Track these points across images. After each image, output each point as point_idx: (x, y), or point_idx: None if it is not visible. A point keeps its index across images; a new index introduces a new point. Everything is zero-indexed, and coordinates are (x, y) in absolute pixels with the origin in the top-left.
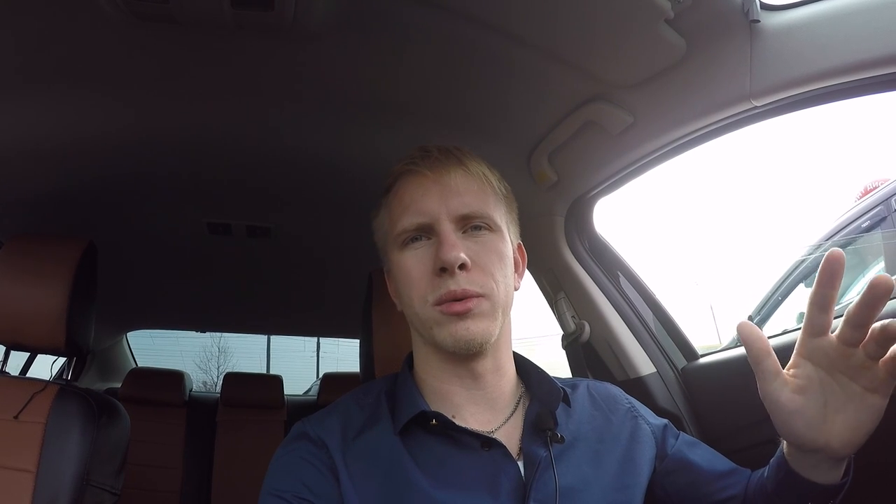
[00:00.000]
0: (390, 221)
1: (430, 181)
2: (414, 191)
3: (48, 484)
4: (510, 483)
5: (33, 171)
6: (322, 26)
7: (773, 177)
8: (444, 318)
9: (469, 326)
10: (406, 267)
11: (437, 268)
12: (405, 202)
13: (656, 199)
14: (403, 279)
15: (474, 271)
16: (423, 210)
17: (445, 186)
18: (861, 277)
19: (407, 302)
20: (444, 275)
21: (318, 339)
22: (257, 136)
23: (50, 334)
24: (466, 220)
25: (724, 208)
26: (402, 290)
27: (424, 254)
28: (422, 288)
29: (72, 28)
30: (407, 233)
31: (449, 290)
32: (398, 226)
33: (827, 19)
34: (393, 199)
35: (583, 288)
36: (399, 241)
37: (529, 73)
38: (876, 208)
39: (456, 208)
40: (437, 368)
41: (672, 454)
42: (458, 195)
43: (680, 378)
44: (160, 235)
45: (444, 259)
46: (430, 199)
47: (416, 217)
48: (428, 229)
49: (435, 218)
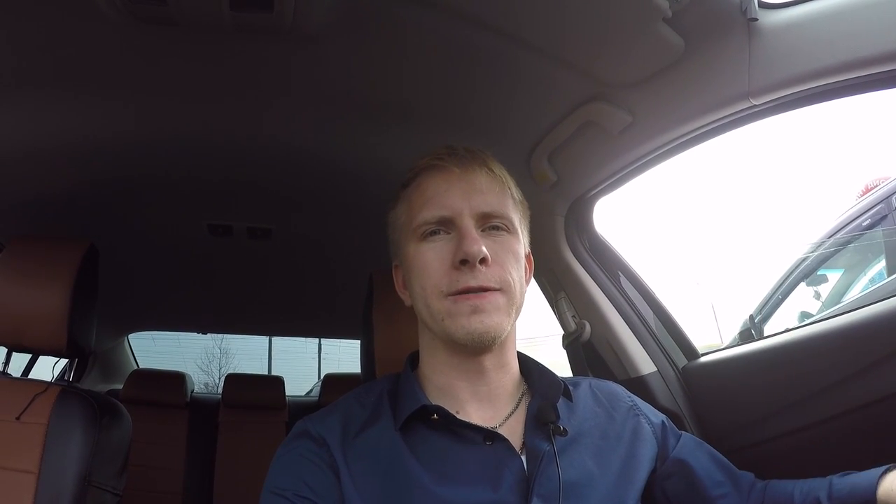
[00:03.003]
0: (409, 214)
1: (456, 177)
2: (438, 185)
3: (50, 485)
4: (513, 477)
5: (33, 173)
6: (321, 28)
7: (773, 175)
8: (456, 308)
9: (483, 319)
10: (424, 258)
11: (457, 260)
12: (428, 195)
13: (656, 199)
14: (419, 270)
15: (493, 267)
16: (446, 204)
17: (470, 184)
18: (862, 276)
19: (419, 294)
20: (464, 268)
21: (319, 340)
22: (257, 137)
23: (51, 336)
24: (487, 219)
25: (725, 207)
26: (416, 281)
27: (444, 247)
28: (438, 280)
29: (71, 30)
30: (428, 225)
31: (467, 284)
32: (419, 217)
33: (825, 17)
34: (414, 192)
35: (583, 287)
36: (418, 232)
37: (528, 73)
38: (877, 206)
39: (478, 206)
40: (444, 363)
41: (673, 456)
42: (481, 193)
43: (681, 377)
44: (161, 237)
45: (468, 251)
46: (454, 194)
47: (438, 210)
48: (448, 223)
49: (458, 213)
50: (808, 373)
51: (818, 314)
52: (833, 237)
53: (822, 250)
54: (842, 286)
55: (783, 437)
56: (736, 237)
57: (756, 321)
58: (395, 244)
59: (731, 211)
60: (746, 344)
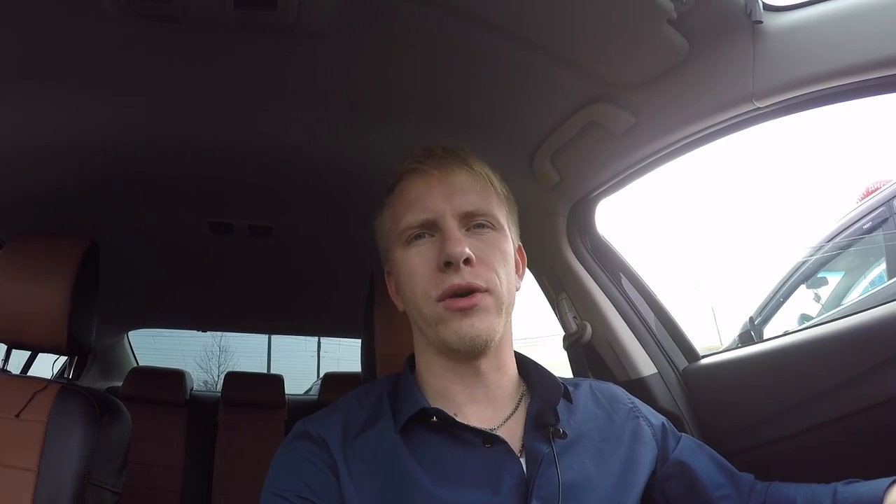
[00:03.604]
0: (394, 219)
1: (435, 179)
2: (419, 189)
3: (49, 483)
4: (512, 480)
5: (34, 169)
6: (324, 26)
7: (775, 178)
8: (449, 314)
9: (474, 323)
10: (410, 264)
11: (441, 263)
12: (409, 200)
13: (658, 201)
14: (407, 276)
15: (478, 267)
16: (427, 207)
17: (450, 185)
18: (862, 279)
19: (410, 299)
20: (449, 270)
21: (318, 338)
22: (259, 135)
23: (51, 333)
24: (470, 218)
25: (726, 209)
26: (406, 287)
27: (428, 251)
28: (426, 284)
29: (74, 27)
30: (411, 229)
31: (453, 283)
32: (402, 223)
33: (830, 20)
34: (397, 198)
35: (584, 288)
36: (403, 238)
37: (532, 73)
38: (878, 209)
39: (460, 206)
40: (440, 367)
41: (673, 458)
42: (462, 193)
43: (681, 379)
44: (162, 234)
45: (450, 253)
46: (435, 196)
47: (420, 214)
48: (432, 226)
49: (440, 215)
50: (809, 376)
51: (818, 317)
52: (834, 240)
53: (823, 253)
54: (842, 289)
55: (784, 440)
56: (736, 239)
57: (756, 323)
58: (384, 251)
59: (732, 213)
60: (747, 346)
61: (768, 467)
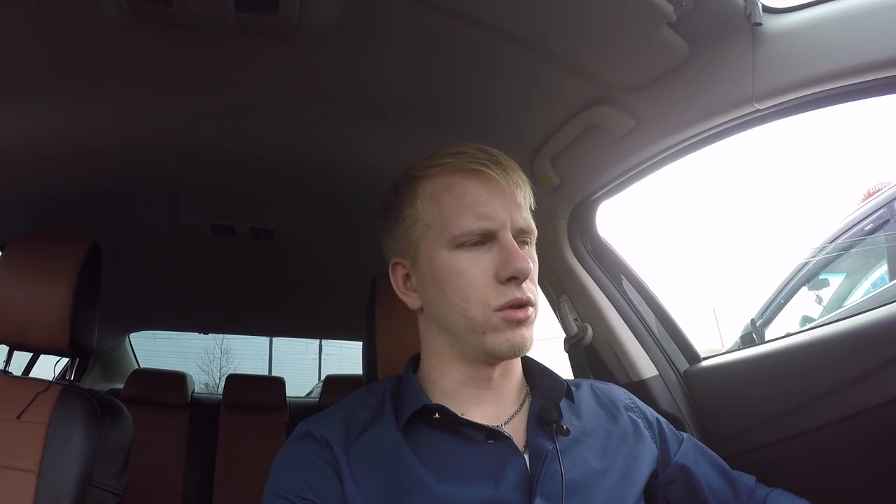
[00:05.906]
0: (440, 217)
1: (497, 187)
2: (478, 192)
3: (50, 484)
4: (516, 476)
5: (37, 171)
6: (325, 29)
7: (776, 180)
8: (504, 324)
9: (524, 333)
10: (463, 269)
11: (504, 276)
12: (466, 202)
13: (659, 203)
14: (458, 280)
15: (529, 282)
16: (490, 215)
17: (511, 197)
18: (864, 281)
19: (455, 304)
20: (510, 283)
21: (320, 341)
22: (260, 138)
23: (53, 335)
24: (522, 234)
25: (727, 211)
26: (454, 291)
27: (486, 259)
28: (484, 293)
29: (75, 30)
30: (471, 235)
31: (516, 297)
32: (458, 225)
33: (829, 22)
34: (444, 192)
35: (585, 291)
36: (456, 241)
37: (532, 76)
38: (879, 211)
39: (517, 221)
40: (455, 370)
41: (675, 462)
42: (519, 209)
43: (682, 381)
44: (163, 236)
45: (519, 269)
46: (497, 206)
47: (483, 221)
48: (491, 236)
49: (501, 226)
50: (811, 377)
51: (820, 318)
52: (835, 241)
53: (825, 254)
54: (844, 290)
55: (785, 442)
56: (738, 241)
57: (758, 325)
58: (407, 241)
59: (734, 214)
60: (748, 348)
61: (770, 469)
